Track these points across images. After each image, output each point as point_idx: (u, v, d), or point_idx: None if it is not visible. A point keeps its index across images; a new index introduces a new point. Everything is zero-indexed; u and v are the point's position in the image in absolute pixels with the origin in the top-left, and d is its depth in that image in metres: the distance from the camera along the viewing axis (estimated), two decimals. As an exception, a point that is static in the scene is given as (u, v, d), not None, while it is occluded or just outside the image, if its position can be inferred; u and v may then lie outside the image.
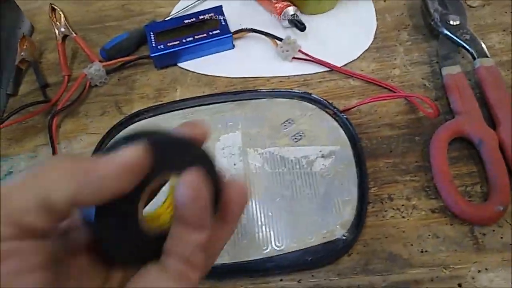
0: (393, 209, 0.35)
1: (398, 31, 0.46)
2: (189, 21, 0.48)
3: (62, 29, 0.48)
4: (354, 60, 0.44)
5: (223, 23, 0.47)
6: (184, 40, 0.46)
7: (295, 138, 0.38)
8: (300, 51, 0.45)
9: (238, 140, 0.39)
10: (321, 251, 0.33)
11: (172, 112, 0.43)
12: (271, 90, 0.42)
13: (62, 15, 0.48)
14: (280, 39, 0.45)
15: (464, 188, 0.35)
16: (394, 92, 0.41)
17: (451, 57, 0.41)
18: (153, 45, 0.46)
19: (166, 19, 0.50)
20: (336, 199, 0.35)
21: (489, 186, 0.34)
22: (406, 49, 0.44)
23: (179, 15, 0.50)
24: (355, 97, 0.42)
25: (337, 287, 0.32)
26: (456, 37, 0.42)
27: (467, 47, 0.41)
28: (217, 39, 0.46)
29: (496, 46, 0.43)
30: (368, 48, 0.45)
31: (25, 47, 0.50)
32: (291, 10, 0.46)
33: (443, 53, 0.42)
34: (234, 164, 0.38)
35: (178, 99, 0.44)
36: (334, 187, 0.35)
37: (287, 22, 0.47)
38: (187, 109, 0.42)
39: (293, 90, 0.42)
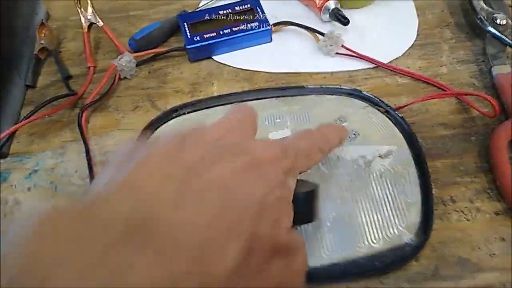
0: (457, 211, 0.33)
1: (441, 28, 0.45)
2: (225, 12, 0.45)
3: (89, 17, 0.44)
4: (399, 57, 0.43)
5: (261, 15, 0.45)
6: (221, 32, 0.44)
7: (349, 137, 0.37)
8: (342, 46, 0.43)
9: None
10: (389, 256, 0.31)
11: (212, 108, 0.40)
12: (318, 86, 0.40)
13: (90, 2, 0.44)
14: (321, 33, 0.44)
15: (527, 190, 0.34)
16: (445, 90, 0.40)
17: (499, 56, 0.41)
18: (188, 36, 0.44)
19: (199, 9, 0.47)
20: (399, 201, 0.33)
21: (554, 188, 0.33)
22: (451, 47, 0.44)
23: (212, 5, 0.47)
24: (404, 95, 0.40)
25: (407, 294, 0.30)
26: (505, 36, 0.41)
27: (518, 46, 0.40)
28: (256, 32, 0.44)
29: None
30: (412, 45, 0.44)
31: (43, 35, 0.46)
32: (332, 3, 0.45)
33: (491, 52, 0.41)
34: (287, 164, 0.36)
35: (215, 94, 0.42)
36: (395, 189, 0.34)
37: (327, 16, 0.45)
38: (229, 105, 0.40)
39: (342, 87, 0.40)
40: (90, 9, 0.44)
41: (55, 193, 0.37)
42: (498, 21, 0.42)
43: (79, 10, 0.44)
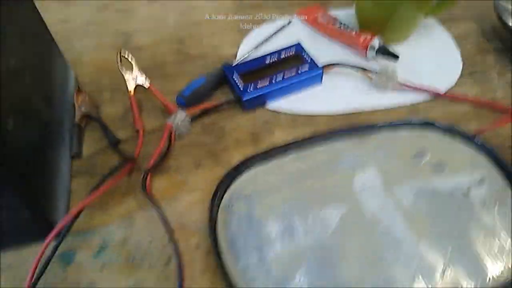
0: None
1: (482, 56, 0.46)
2: (272, 60, 0.45)
3: (139, 78, 0.42)
4: (453, 86, 0.44)
5: (309, 59, 0.45)
6: (273, 80, 0.43)
7: (438, 169, 0.36)
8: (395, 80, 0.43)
9: (375, 178, 0.36)
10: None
11: (286, 156, 0.38)
12: (389, 122, 0.39)
13: (135, 64, 0.42)
14: (371, 71, 0.44)
15: None
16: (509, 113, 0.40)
17: (550, 74, 0.42)
18: (241, 88, 0.42)
19: (243, 60, 0.46)
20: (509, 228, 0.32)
21: None
22: (498, 73, 0.45)
23: (254, 55, 0.47)
24: (473, 122, 0.40)
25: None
26: (551, 55, 0.43)
27: None
28: (307, 76, 0.43)
29: None
30: (461, 75, 0.45)
31: (80, 102, 0.43)
32: (376, 41, 0.45)
33: (542, 72, 0.42)
34: (383, 204, 0.34)
35: (280, 142, 0.40)
36: (502, 217, 0.32)
37: (373, 53, 0.45)
38: (301, 152, 0.38)
39: (413, 120, 0.39)
40: (135, 71, 0.42)
41: (134, 268, 0.33)
42: (542, 42, 0.43)
43: (124, 73, 0.42)
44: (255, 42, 0.49)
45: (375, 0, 0.45)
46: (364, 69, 0.44)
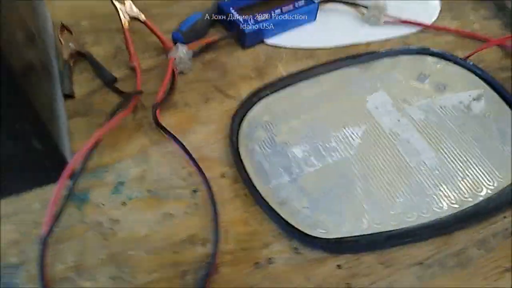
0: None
1: (456, -7, 0.50)
2: (267, -6, 0.44)
3: (134, 11, 0.39)
4: (435, 20, 0.46)
5: (303, -5, 0.45)
6: (272, 13, 0.42)
7: (440, 88, 0.38)
8: (385, 15, 0.45)
9: (386, 98, 0.37)
10: None
11: (296, 85, 0.38)
12: (389, 49, 0.41)
13: (129, -4, 0.39)
14: (364, 7, 0.45)
15: None
16: (487, 41, 0.44)
17: (517, 8, 0.46)
18: (242, 21, 0.41)
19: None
20: (510, 134, 0.35)
21: None
22: (472, 8, 0.48)
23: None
24: (458, 50, 0.43)
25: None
26: (517, -10, 0.47)
27: (533, -4, 0.46)
28: (303, 11, 0.43)
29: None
30: (440, 10, 0.48)
31: (66, 39, 0.40)
32: (364, -21, 0.46)
33: (510, 6, 0.46)
34: (398, 120, 0.35)
35: (284, 74, 0.40)
36: (503, 124, 0.36)
37: (361, -9, 0.47)
38: (312, 79, 0.39)
39: (412, 47, 0.41)
40: (128, 4, 0.39)
41: (160, 200, 0.31)
42: (510, -21, 0.48)
43: (118, 6, 0.39)
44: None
45: None
46: (356, 5, 0.45)
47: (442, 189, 0.32)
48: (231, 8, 0.42)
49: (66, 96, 0.37)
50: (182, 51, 0.39)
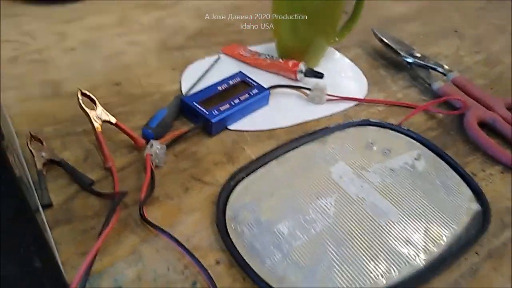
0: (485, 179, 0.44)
1: (376, 69, 0.59)
2: (223, 87, 0.49)
3: (104, 114, 0.41)
4: (366, 94, 0.55)
5: (255, 83, 0.50)
6: (232, 103, 0.47)
7: (386, 153, 0.44)
8: (327, 94, 0.52)
9: (346, 168, 0.42)
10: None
11: (267, 165, 0.42)
12: (337, 124, 0.47)
13: (97, 100, 0.41)
14: (307, 89, 0.52)
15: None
16: (414, 108, 0.52)
17: (428, 77, 0.56)
18: (207, 113, 0.45)
19: (192, 91, 0.49)
20: (452, 186, 0.42)
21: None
22: (392, 80, 0.58)
23: (202, 86, 0.50)
24: (391, 117, 0.51)
25: None
26: (424, 63, 0.57)
27: (437, 68, 0.57)
28: (258, 97, 0.49)
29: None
30: (368, 84, 0.56)
31: (37, 148, 0.40)
32: (302, 65, 0.54)
33: (422, 76, 0.56)
34: (361, 186, 0.40)
35: (253, 156, 0.44)
36: (443, 177, 0.42)
37: (302, 75, 0.54)
38: (279, 158, 0.43)
39: (354, 120, 0.48)
40: (99, 108, 0.41)
41: (163, 299, 0.32)
42: (416, 54, 0.58)
43: (87, 111, 0.40)
44: (194, 77, 0.53)
45: (295, 37, 0.54)
46: (300, 88, 0.52)
47: (411, 244, 0.36)
48: (194, 102, 0.46)
49: (44, 206, 0.37)
50: (156, 147, 0.41)
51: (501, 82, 0.60)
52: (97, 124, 0.41)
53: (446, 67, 0.57)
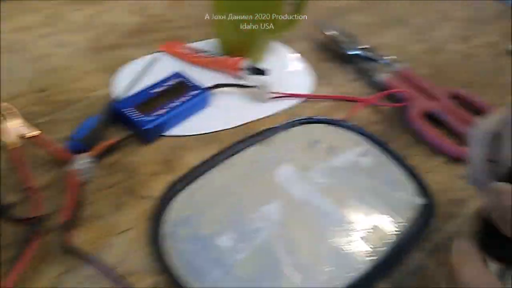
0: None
1: (321, 63, 0.58)
2: (160, 89, 0.45)
3: (21, 129, 0.36)
4: (313, 89, 0.53)
5: (194, 84, 0.47)
6: (170, 106, 0.44)
7: (331, 152, 0.43)
8: (271, 91, 0.50)
9: (291, 169, 0.40)
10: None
11: (208, 172, 0.39)
12: (281, 124, 0.45)
13: (17, 112, 0.36)
14: (250, 87, 0.49)
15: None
16: (357, 101, 0.51)
17: (373, 69, 0.55)
18: (140, 119, 0.42)
19: (126, 95, 0.45)
20: (397, 181, 0.41)
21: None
22: (337, 73, 0.56)
23: (137, 89, 0.46)
24: (337, 113, 0.50)
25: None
26: (368, 55, 0.56)
27: (381, 59, 0.56)
28: (198, 99, 0.46)
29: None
30: (314, 79, 0.55)
31: None
32: (244, 62, 0.51)
33: (366, 68, 0.55)
34: (306, 187, 0.39)
35: (193, 163, 0.41)
36: (388, 172, 0.42)
37: (244, 72, 0.51)
38: (221, 164, 0.40)
39: (299, 118, 0.46)
40: (18, 121, 0.37)
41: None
42: (361, 46, 0.57)
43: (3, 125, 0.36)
44: (129, 79, 0.49)
45: (236, 31, 0.52)
46: (243, 86, 0.49)
47: (358, 244, 0.35)
48: (127, 108, 0.43)
49: (-48, 237, 0.32)
50: (83, 160, 0.37)
51: (444, 70, 0.60)
52: (13, 139, 0.36)
53: (390, 57, 0.57)
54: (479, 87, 0.57)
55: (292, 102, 0.50)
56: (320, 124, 0.46)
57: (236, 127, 0.46)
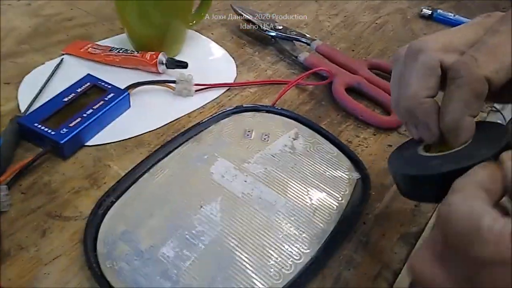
0: (360, 144, 0.45)
1: (242, 48, 0.56)
2: (70, 97, 0.41)
3: None
4: (236, 76, 0.52)
5: (109, 86, 0.43)
6: (85, 115, 0.40)
7: (265, 139, 0.42)
8: (195, 84, 0.48)
9: (227, 164, 0.39)
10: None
11: (139, 180, 0.37)
12: (210, 117, 0.43)
13: None
14: (171, 81, 0.47)
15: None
16: (285, 83, 0.51)
17: (294, 49, 0.55)
18: (53, 133, 0.37)
19: (32, 108, 0.40)
20: (331, 159, 0.42)
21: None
22: (259, 58, 0.55)
23: (44, 99, 0.42)
24: (264, 98, 0.49)
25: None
26: (287, 35, 0.56)
27: (300, 38, 0.56)
28: (116, 101, 0.42)
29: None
30: (237, 65, 0.53)
31: None
32: (162, 55, 0.48)
33: (287, 48, 0.55)
34: (245, 181, 0.38)
35: (121, 172, 0.38)
36: (321, 154, 0.42)
37: (163, 67, 0.48)
38: (153, 169, 0.38)
39: (227, 109, 0.45)
40: None
41: None
42: (278, 27, 0.57)
43: None
44: (35, 90, 0.44)
45: (147, 23, 0.48)
46: (163, 82, 0.47)
47: (303, 230, 0.35)
48: (36, 122, 0.38)
49: None
50: (-5, 190, 0.33)
51: (360, 42, 0.62)
52: None
53: (308, 35, 0.57)
54: (393, 55, 0.60)
55: (219, 92, 0.49)
56: (249, 113, 0.45)
57: (162, 126, 0.44)
